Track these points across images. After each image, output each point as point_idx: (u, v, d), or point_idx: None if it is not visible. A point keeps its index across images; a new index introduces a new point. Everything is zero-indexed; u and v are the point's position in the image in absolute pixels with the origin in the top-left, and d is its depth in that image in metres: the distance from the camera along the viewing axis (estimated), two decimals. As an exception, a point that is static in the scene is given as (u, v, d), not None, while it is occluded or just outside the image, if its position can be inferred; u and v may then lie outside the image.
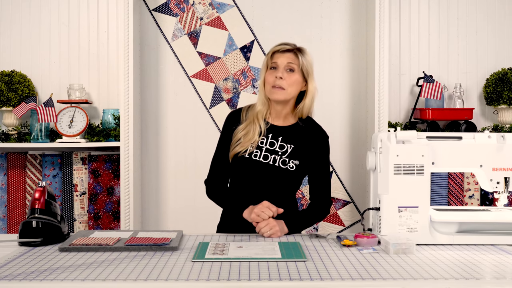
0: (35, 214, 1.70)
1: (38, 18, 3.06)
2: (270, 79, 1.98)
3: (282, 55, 1.99)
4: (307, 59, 2.00)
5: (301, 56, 1.98)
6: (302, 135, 2.02)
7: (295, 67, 1.97)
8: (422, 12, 3.10)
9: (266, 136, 2.01)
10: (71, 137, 2.89)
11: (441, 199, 2.93)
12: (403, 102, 3.11)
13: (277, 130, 2.03)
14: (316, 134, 2.04)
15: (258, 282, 1.27)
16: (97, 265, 1.42)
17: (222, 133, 2.08)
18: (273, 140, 2.01)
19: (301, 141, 2.01)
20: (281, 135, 2.01)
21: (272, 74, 1.98)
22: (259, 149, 1.99)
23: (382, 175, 1.73)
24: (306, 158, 1.99)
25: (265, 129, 2.00)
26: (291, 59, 1.97)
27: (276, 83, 1.96)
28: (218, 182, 2.07)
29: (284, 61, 1.97)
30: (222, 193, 2.05)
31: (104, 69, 3.07)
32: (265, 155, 1.99)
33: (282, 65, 1.97)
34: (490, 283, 1.29)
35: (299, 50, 2.00)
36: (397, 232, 1.71)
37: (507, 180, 1.79)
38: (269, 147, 2.00)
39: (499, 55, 3.11)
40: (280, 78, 1.95)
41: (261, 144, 2.00)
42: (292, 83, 1.97)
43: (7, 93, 2.91)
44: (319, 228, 3.06)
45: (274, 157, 1.98)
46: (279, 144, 2.00)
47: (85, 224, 2.96)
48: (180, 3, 3.05)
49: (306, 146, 2.01)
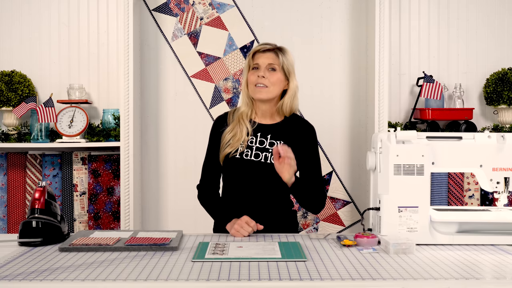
0: (35, 214, 1.70)
1: (38, 18, 3.06)
2: (253, 79, 2.02)
3: (263, 55, 2.03)
4: (288, 58, 2.04)
5: (282, 56, 2.03)
6: (290, 131, 2.05)
7: (276, 66, 2.01)
8: (422, 12, 3.10)
9: (255, 135, 2.04)
10: (71, 137, 2.89)
11: (441, 199, 2.93)
12: (403, 102, 3.11)
13: (265, 128, 2.06)
14: (302, 128, 2.07)
15: (258, 282, 1.27)
16: (97, 265, 1.42)
17: (210, 138, 2.12)
18: (262, 138, 2.04)
19: (290, 137, 2.04)
20: (270, 133, 2.04)
21: (255, 74, 2.02)
22: (249, 149, 2.02)
23: (382, 175, 1.73)
24: (296, 153, 2.00)
25: (251, 129, 2.03)
26: (272, 58, 2.02)
27: (258, 82, 2.00)
28: (209, 188, 2.10)
29: (266, 61, 2.01)
30: (211, 201, 2.08)
31: (104, 69, 3.07)
32: (256, 154, 2.01)
33: (264, 65, 2.01)
34: (490, 283, 1.29)
35: (280, 49, 2.05)
36: (397, 232, 1.71)
37: (507, 180, 1.79)
38: (259, 146, 2.02)
39: (499, 55, 3.11)
40: (262, 77, 2.00)
41: (251, 144, 2.03)
42: (275, 82, 2.00)
43: (7, 93, 2.91)
44: (319, 228, 3.06)
45: (265, 154, 2.01)
46: (269, 142, 2.03)
47: (85, 224, 2.96)
48: (180, 3, 3.05)
49: (295, 141, 2.03)
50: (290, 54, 2.07)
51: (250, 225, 1.86)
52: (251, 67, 2.05)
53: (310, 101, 3.06)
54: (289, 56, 2.05)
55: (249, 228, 1.86)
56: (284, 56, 2.03)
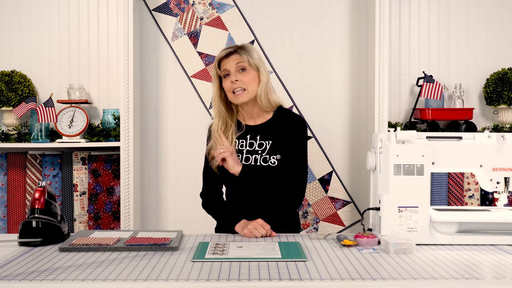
0: (35, 214, 1.70)
1: (38, 18, 3.06)
2: (228, 86, 2.00)
3: (228, 59, 2.01)
4: (253, 54, 2.01)
5: (245, 54, 2.00)
6: (279, 128, 2.03)
7: (245, 65, 1.99)
8: (422, 12, 3.10)
9: (245, 138, 2.04)
10: (71, 137, 2.89)
11: (441, 199, 2.93)
12: (403, 102, 3.11)
13: (254, 129, 2.05)
14: (290, 121, 2.04)
15: (258, 282, 1.27)
16: (97, 265, 1.42)
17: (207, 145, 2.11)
18: (252, 140, 2.04)
19: (279, 135, 2.02)
20: (259, 134, 2.04)
21: (227, 81, 2.00)
22: (240, 153, 2.02)
23: (382, 175, 1.73)
24: (286, 150, 1.99)
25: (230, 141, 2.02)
26: (237, 59, 2.00)
27: (234, 87, 1.98)
28: (212, 194, 2.10)
29: (233, 64, 1.99)
30: (216, 206, 2.07)
31: (104, 69, 3.07)
32: (247, 157, 2.02)
33: (233, 69, 1.99)
34: (490, 283, 1.29)
35: (241, 48, 2.02)
36: (397, 232, 1.71)
37: (507, 180, 1.79)
38: (249, 148, 2.02)
39: (499, 55, 3.11)
40: (236, 81, 1.97)
41: (241, 148, 2.03)
42: (250, 81, 1.99)
43: (7, 93, 2.91)
44: (319, 228, 3.06)
45: (255, 156, 2.00)
46: (258, 143, 2.02)
47: (85, 224, 2.96)
48: (180, 3, 3.05)
49: (284, 137, 2.01)
50: (254, 48, 2.04)
51: (265, 228, 1.83)
52: (221, 75, 2.03)
53: (310, 101, 3.06)
54: (253, 52, 2.02)
55: (263, 230, 1.82)
56: (248, 53, 2.00)
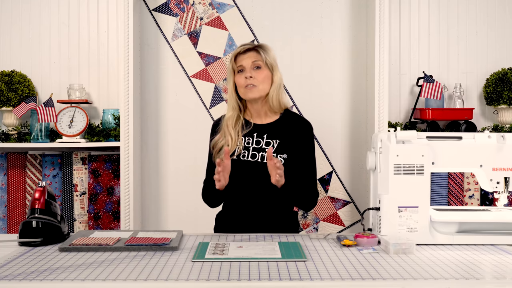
0: (35, 214, 1.70)
1: (38, 18, 3.06)
2: (241, 81, 2.03)
3: (245, 55, 2.05)
4: (270, 54, 2.06)
5: (263, 52, 2.05)
6: (286, 129, 2.05)
7: (260, 63, 2.03)
8: (422, 12, 3.10)
9: (252, 136, 2.05)
10: (71, 137, 2.89)
11: (441, 199, 2.93)
12: (403, 102, 3.11)
13: (261, 128, 2.07)
14: (298, 124, 2.08)
15: (258, 282, 1.27)
16: (97, 265, 1.42)
17: (210, 141, 2.14)
18: (259, 138, 2.05)
19: (286, 135, 2.04)
20: (266, 132, 2.05)
21: (242, 76, 2.03)
22: (246, 150, 2.03)
23: (382, 175, 1.73)
24: (293, 151, 2.00)
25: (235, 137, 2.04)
26: (254, 57, 2.04)
27: (247, 83, 2.01)
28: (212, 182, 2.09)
29: (249, 61, 2.03)
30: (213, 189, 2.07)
31: (104, 69, 3.07)
32: (253, 154, 2.02)
33: (248, 65, 2.03)
34: (490, 283, 1.29)
35: (260, 46, 2.07)
36: (397, 232, 1.71)
37: (507, 180, 1.79)
38: (256, 146, 2.03)
39: (499, 55, 3.11)
40: (250, 77, 2.01)
41: (247, 145, 2.04)
42: (263, 80, 2.02)
43: (7, 93, 2.91)
44: (319, 228, 3.06)
45: (262, 154, 2.01)
46: (265, 141, 2.03)
47: (85, 224, 2.96)
48: (180, 3, 3.05)
49: (291, 138, 2.03)
50: (271, 49, 2.09)
51: None
52: (236, 70, 2.06)
53: (310, 101, 3.05)
54: (270, 52, 2.07)
55: None
56: (265, 52, 2.05)
